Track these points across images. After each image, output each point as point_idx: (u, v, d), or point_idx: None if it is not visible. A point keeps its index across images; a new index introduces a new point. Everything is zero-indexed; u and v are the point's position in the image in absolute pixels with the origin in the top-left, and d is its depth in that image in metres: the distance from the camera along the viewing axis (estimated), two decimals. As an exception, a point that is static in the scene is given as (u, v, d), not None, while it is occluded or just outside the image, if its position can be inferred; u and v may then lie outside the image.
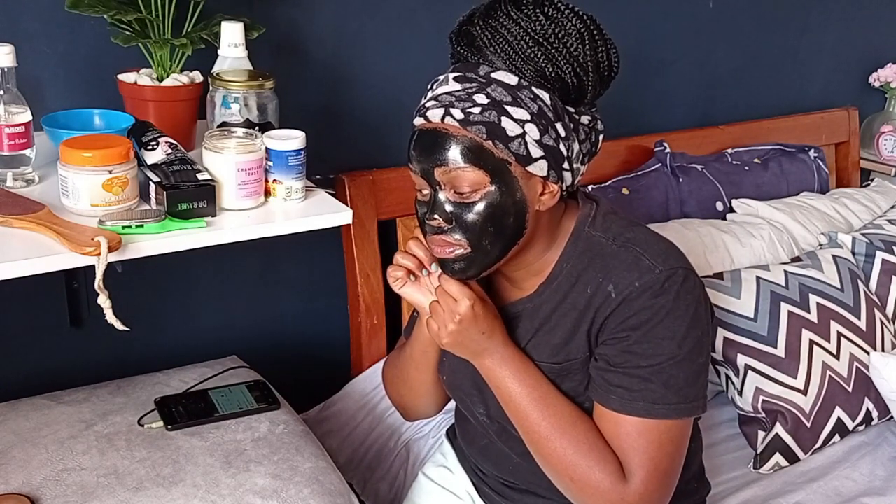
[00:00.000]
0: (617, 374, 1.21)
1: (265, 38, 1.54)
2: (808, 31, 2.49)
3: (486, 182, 1.16)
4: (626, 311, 1.19)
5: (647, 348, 1.19)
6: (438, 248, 1.21)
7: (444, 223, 1.19)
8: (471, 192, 1.17)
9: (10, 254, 1.13)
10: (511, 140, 1.14)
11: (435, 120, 1.17)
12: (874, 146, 2.61)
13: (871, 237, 2.08)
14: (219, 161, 1.28)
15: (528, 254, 1.25)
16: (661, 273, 1.19)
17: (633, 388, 1.20)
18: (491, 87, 1.14)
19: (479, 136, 1.14)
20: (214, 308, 1.84)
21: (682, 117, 2.35)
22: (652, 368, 1.19)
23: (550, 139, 1.16)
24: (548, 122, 1.15)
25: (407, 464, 1.75)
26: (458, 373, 1.36)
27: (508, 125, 1.14)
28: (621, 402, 1.21)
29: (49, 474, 1.34)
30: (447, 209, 1.18)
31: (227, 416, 1.50)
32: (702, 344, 1.22)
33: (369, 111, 1.87)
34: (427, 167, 1.18)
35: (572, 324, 1.24)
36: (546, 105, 1.15)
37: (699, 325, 1.22)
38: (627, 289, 1.19)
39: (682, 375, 1.20)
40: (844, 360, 1.83)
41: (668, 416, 1.20)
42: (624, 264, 1.21)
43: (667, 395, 1.20)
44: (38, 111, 1.33)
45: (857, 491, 1.71)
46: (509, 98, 1.14)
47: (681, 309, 1.19)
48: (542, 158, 1.16)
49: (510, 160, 1.15)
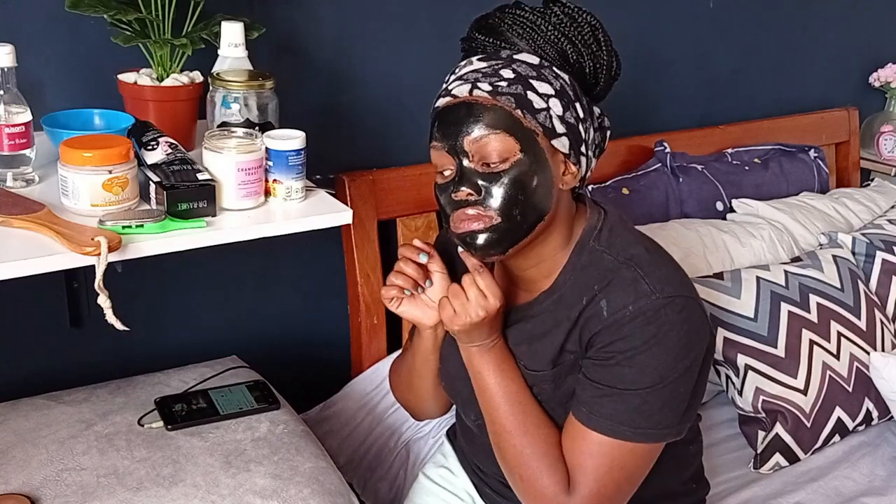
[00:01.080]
0: (592, 388, 1.20)
1: (265, 38, 1.54)
2: (808, 32, 2.49)
3: (517, 150, 1.16)
4: (615, 332, 1.18)
5: (629, 373, 1.18)
6: (465, 223, 1.18)
7: (474, 193, 1.17)
8: (500, 161, 1.16)
9: (10, 254, 1.13)
10: (538, 112, 1.16)
11: (462, 94, 1.17)
12: (874, 146, 2.61)
13: (871, 237, 2.08)
14: (219, 161, 1.28)
15: (547, 244, 1.24)
16: (657, 300, 1.17)
17: (603, 405, 1.19)
18: (515, 64, 1.18)
19: (508, 106, 1.16)
20: (214, 308, 1.84)
21: (682, 117, 2.35)
22: (629, 392, 1.18)
23: (571, 117, 1.19)
24: (569, 101, 1.19)
25: (407, 464, 1.75)
26: (457, 380, 1.36)
27: (534, 98, 1.16)
28: (588, 416, 1.20)
29: (49, 474, 1.34)
30: (476, 181, 1.17)
31: (227, 416, 1.50)
32: (689, 374, 1.20)
33: (369, 111, 1.87)
34: (455, 140, 1.17)
35: (563, 334, 1.24)
36: (567, 84, 1.19)
37: (689, 355, 1.19)
38: (620, 311, 1.18)
39: (658, 403, 1.18)
40: (844, 360, 1.83)
41: (631, 439, 1.19)
42: (622, 283, 1.19)
43: (636, 418, 1.18)
44: (38, 111, 1.33)
45: (857, 491, 1.71)
46: (534, 74, 1.17)
47: (671, 340, 1.17)
48: (564, 135, 1.19)
49: (538, 131, 1.17)
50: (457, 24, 1.29)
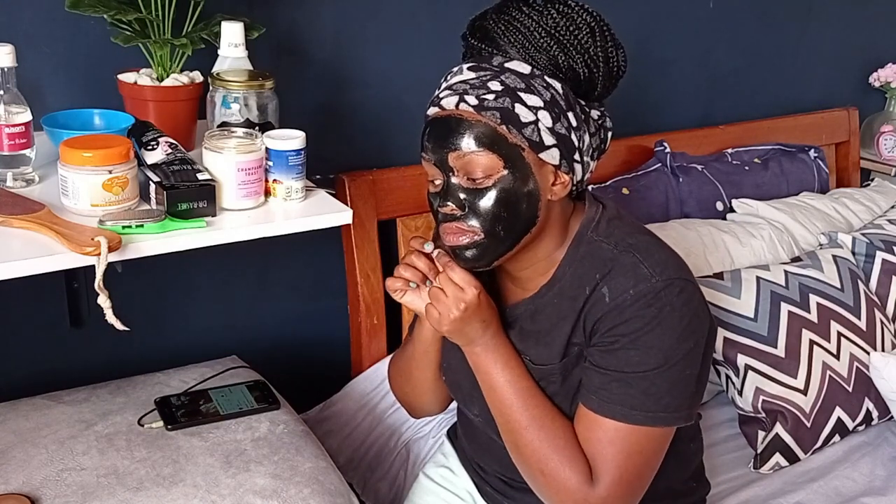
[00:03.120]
0: (600, 375, 1.21)
1: (265, 38, 1.54)
2: (808, 31, 2.49)
3: (500, 167, 1.17)
4: (617, 317, 1.19)
5: (634, 356, 1.19)
6: (451, 236, 1.21)
7: (457, 209, 1.19)
8: (484, 177, 1.17)
9: (10, 254, 1.13)
10: (524, 126, 1.15)
11: (449, 107, 1.18)
12: (874, 146, 2.61)
13: (871, 237, 2.09)
14: (219, 161, 1.28)
15: (539, 249, 1.25)
16: (657, 282, 1.19)
17: (613, 391, 1.20)
18: (505, 75, 1.16)
19: (493, 122, 1.15)
20: (214, 308, 1.84)
21: (682, 117, 2.35)
22: (636, 375, 1.19)
23: (563, 128, 1.17)
24: (560, 111, 1.17)
25: (407, 464, 1.75)
26: (458, 373, 1.36)
27: (522, 112, 1.15)
28: (599, 404, 1.21)
29: (49, 474, 1.34)
30: (460, 196, 1.19)
31: (227, 416, 1.50)
32: (693, 356, 1.21)
33: (369, 111, 1.87)
34: (441, 154, 1.18)
35: (569, 325, 1.25)
36: (558, 94, 1.17)
37: (692, 337, 1.21)
38: (622, 295, 1.19)
39: (666, 385, 1.19)
40: (844, 360, 1.83)
41: (644, 423, 1.20)
42: (622, 269, 1.21)
43: (646, 402, 1.19)
44: (38, 111, 1.33)
45: (857, 491, 1.71)
46: (523, 85, 1.16)
47: (673, 320, 1.19)
48: (554, 147, 1.17)
49: (523, 146, 1.16)
50: (457, 23, 1.29)
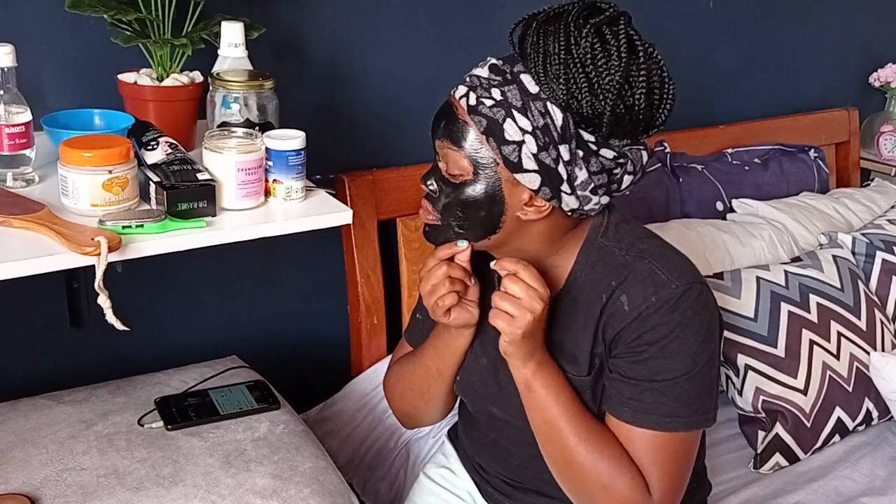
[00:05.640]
0: (630, 386, 1.21)
1: (265, 38, 1.54)
2: (808, 32, 2.49)
3: (469, 171, 1.18)
4: (641, 326, 1.19)
5: (663, 363, 1.20)
6: (422, 212, 1.25)
7: (434, 192, 1.23)
8: (455, 173, 1.19)
9: (10, 254, 1.13)
10: (506, 143, 1.14)
11: (457, 95, 1.19)
12: (874, 146, 2.61)
13: (871, 237, 2.08)
14: (219, 161, 1.28)
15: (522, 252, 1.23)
16: (677, 288, 1.19)
17: (645, 401, 1.20)
18: (510, 87, 1.14)
19: (478, 127, 1.15)
20: (214, 308, 1.84)
21: (682, 117, 2.34)
22: (666, 383, 1.20)
23: (549, 158, 1.14)
24: (550, 141, 1.13)
25: (407, 464, 1.75)
26: (472, 373, 1.36)
27: (510, 129, 1.14)
28: (633, 415, 1.22)
29: (49, 474, 1.34)
30: (436, 179, 1.22)
31: (227, 416, 1.50)
32: (714, 357, 1.23)
33: (369, 111, 1.87)
34: (434, 136, 1.22)
35: (590, 336, 1.24)
36: (554, 124, 1.13)
37: (713, 338, 1.22)
38: (644, 304, 1.19)
39: (695, 389, 1.21)
40: (844, 360, 1.83)
41: (679, 429, 1.21)
42: (639, 276, 1.21)
43: (678, 408, 1.20)
44: (38, 111, 1.33)
45: (857, 491, 1.71)
46: (520, 104, 1.14)
47: (696, 324, 1.20)
48: (534, 172, 1.15)
49: (498, 161, 1.16)
50: (456, 23, 1.29)
